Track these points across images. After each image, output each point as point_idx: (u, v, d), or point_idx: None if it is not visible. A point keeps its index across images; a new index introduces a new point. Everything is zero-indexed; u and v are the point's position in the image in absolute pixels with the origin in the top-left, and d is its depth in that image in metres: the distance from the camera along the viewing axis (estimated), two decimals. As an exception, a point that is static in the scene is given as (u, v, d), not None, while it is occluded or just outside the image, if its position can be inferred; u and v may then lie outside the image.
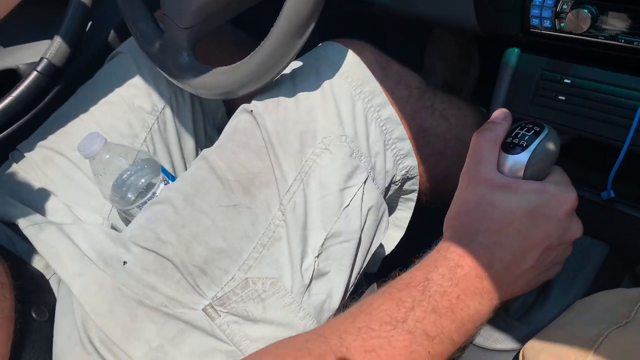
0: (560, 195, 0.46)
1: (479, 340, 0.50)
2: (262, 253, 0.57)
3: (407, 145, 0.68)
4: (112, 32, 0.89)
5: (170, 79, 0.67)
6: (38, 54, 0.78)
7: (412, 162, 0.69)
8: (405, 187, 0.72)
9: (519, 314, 0.52)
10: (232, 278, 0.55)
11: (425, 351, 0.41)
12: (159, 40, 0.68)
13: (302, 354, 0.41)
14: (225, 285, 0.55)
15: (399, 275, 0.46)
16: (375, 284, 0.68)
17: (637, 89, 0.51)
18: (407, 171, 0.69)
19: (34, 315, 0.56)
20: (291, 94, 0.62)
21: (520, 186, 0.46)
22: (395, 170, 0.67)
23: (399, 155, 0.68)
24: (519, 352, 0.45)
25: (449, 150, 0.72)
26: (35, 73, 0.76)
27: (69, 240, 0.60)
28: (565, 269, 0.49)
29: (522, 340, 0.49)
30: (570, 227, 0.46)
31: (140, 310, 0.54)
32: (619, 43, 0.50)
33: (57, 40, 0.76)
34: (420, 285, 0.44)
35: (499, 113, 0.51)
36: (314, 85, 0.63)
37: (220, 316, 0.54)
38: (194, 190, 0.60)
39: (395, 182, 0.68)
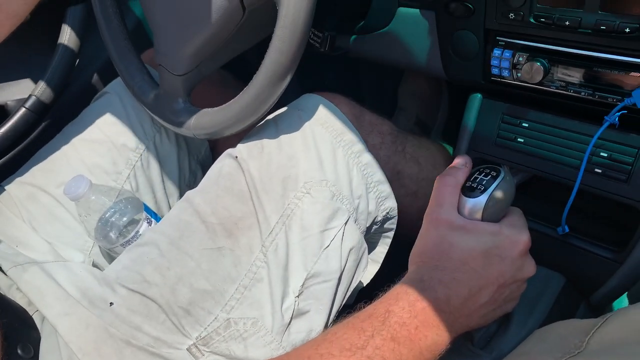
0: (513, 237, 0.50)
1: None
2: (244, 294, 0.58)
3: (388, 188, 0.71)
4: (97, 71, 0.90)
5: (168, 126, 0.68)
6: (26, 91, 0.78)
7: (392, 204, 0.72)
8: (385, 226, 0.74)
9: (482, 343, 0.55)
10: (215, 318, 0.57)
11: None
12: (154, 91, 0.70)
13: None
14: (208, 326, 0.56)
15: (363, 307, 0.49)
16: None
17: (585, 134, 0.56)
18: (388, 212, 0.72)
19: (19, 352, 0.56)
20: (275, 140, 0.65)
21: (477, 228, 0.50)
22: (377, 211, 0.70)
23: (381, 197, 0.71)
24: None
25: (420, 190, 0.76)
26: (23, 110, 0.77)
27: (53, 280, 0.60)
28: (524, 300, 0.53)
29: None
30: (523, 267, 0.50)
31: (127, 350, 0.54)
32: (569, 93, 0.55)
33: (46, 77, 0.77)
34: (381, 317, 0.47)
35: (460, 160, 0.55)
36: (296, 133, 0.65)
37: (204, 355, 0.55)
38: (179, 233, 0.61)
39: (376, 222, 0.71)
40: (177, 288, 0.57)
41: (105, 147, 0.76)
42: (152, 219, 0.71)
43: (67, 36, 0.78)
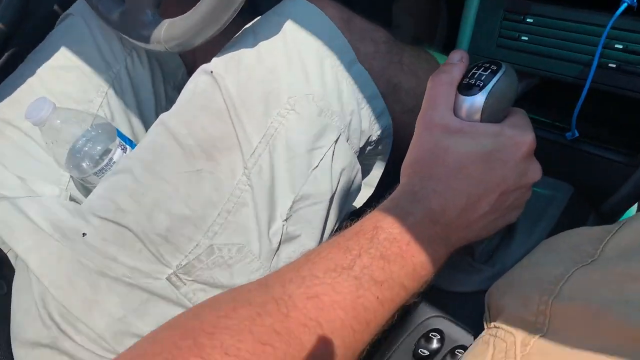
0: (517, 138, 0.44)
1: (443, 283, 0.50)
2: (228, 219, 0.55)
3: (381, 104, 0.65)
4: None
5: (137, 43, 0.63)
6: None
7: (387, 121, 0.67)
8: (380, 146, 0.70)
9: (483, 257, 0.51)
10: (197, 245, 0.53)
11: (374, 296, 0.40)
12: (120, 7, 0.64)
13: (241, 305, 0.39)
14: (189, 253, 0.53)
15: (350, 225, 0.45)
16: None
17: (597, 24, 0.50)
18: (383, 130, 0.67)
19: None
20: (253, 52, 0.59)
21: (475, 130, 0.44)
22: (371, 130, 0.65)
23: (374, 115, 0.66)
24: (485, 293, 0.46)
25: (419, 106, 0.70)
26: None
27: (23, 215, 0.57)
28: (529, 210, 0.49)
29: (487, 282, 0.49)
30: (528, 171, 0.45)
31: (102, 281, 0.52)
32: None
33: (2, 5, 0.70)
34: (369, 234, 0.42)
35: (455, 54, 0.49)
36: (277, 43, 0.59)
37: (185, 284, 0.53)
38: (153, 157, 0.57)
39: (371, 142, 0.66)
40: (154, 214, 0.53)
41: (73, 74, 0.71)
42: (127, 146, 0.66)
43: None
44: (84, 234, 0.54)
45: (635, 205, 0.57)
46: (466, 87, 0.45)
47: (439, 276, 0.49)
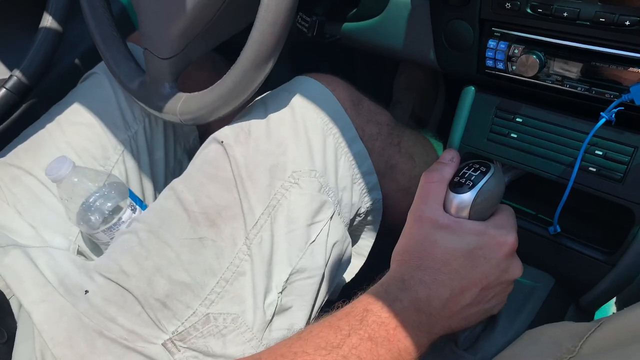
0: (499, 238, 0.47)
1: None
2: (225, 288, 0.56)
3: (374, 179, 0.69)
4: (82, 53, 0.88)
5: (154, 112, 0.66)
6: (7, 72, 0.76)
7: (377, 195, 0.70)
8: (369, 218, 0.72)
9: (466, 344, 0.53)
10: (194, 313, 0.55)
11: None
12: (140, 77, 0.68)
13: None
14: (186, 320, 0.54)
15: (342, 306, 0.47)
16: None
17: (580, 131, 0.54)
18: (372, 203, 0.70)
19: None
20: (263, 125, 0.62)
21: (461, 227, 0.47)
22: (360, 203, 0.68)
23: (365, 189, 0.69)
24: None
25: (413, 187, 0.73)
26: (3, 90, 0.75)
27: (33, 266, 0.59)
28: (511, 300, 0.51)
29: None
30: (509, 268, 0.48)
31: (100, 341, 0.53)
32: (565, 87, 0.53)
33: (28, 58, 0.75)
34: (359, 316, 0.45)
35: (447, 154, 0.53)
36: (286, 119, 0.62)
37: (180, 351, 0.54)
38: (159, 221, 0.59)
39: (360, 214, 0.69)
40: (155, 279, 0.55)
41: (93, 131, 0.74)
42: (137, 206, 0.69)
43: (50, 18, 0.76)
44: (86, 292, 0.56)
45: (614, 299, 0.60)
46: (457, 185, 0.48)
47: (422, 360, 0.50)
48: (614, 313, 0.40)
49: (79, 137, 0.73)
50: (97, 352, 0.52)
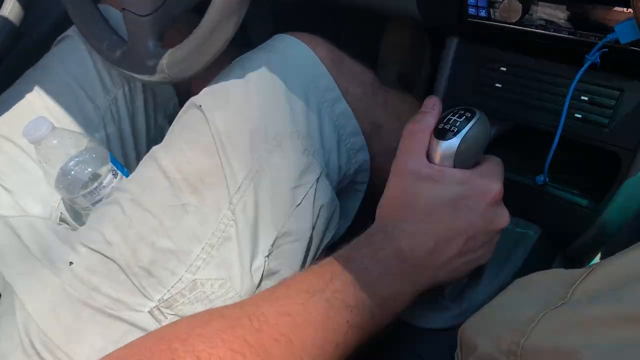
0: (484, 186, 0.46)
1: (412, 319, 0.51)
2: (211, 254, 0.56)
3: (361, 140, 0.67)
4: (57, 17, 0.85)
5: (139, 77, 0.64)
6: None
7: (364, 156, 0.69)
8: (357, 179, 0.71)
9: (452, 295, 0.53)
10: (180, 279, 0.54)
11: (343, 319, 0.41)
12: (122, 47, 0.65)
13: (215, 318, 0.41)
14: (172, 287, 0.54)
15: (325, 257, 0.47)
16: None
17: (566, 77, 0.52)
18: (360, 165, 0.69)
19: None
20: (242, 87, 0.60)
21: (444, 177, 0.46)
22: (348, 164, 0.67)
23: (353, 150, 0.67)
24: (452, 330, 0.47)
25: None
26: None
27: (16, 237, 0.58)
28: (497, 250, 0.50)
29: (455, 319, 0.51)
30: (495, 218, 0.47)
31: (85, 311, 0.52)
32: (549, 32, 0.51)
33: None
34: (342, 261, 0.44)
35: (428, 102, 0.51)
36: (265, 80, 0.61)
37: (167, 318, 0.53)
38: (141, 189, 0.58)
39: (347, 175, 0.68)
40: (138, 247, 0.54)
41: (72, 95, 0.71)
42: (119, 172, 0.67)
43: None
44: (70, 263, 0.55)
45: (599, 256, 0.60)
46: (441, 132, 0.47)
47: (408, 312, 0.50)
48: (606, 259, 0.39)
49: (57, 101, 0.70)
50: (82, 322, 0.52)
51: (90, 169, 0.64)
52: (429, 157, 0.47)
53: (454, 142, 0.46)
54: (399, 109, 0.73)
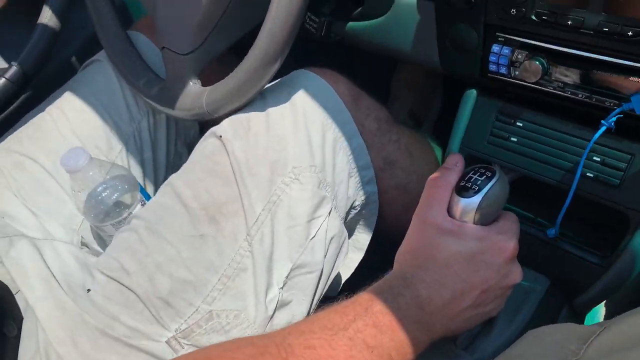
0: (501, 244, 0.48)
1: None
2: (227, 285, 0.56)
3: (370, 173, 0.68)
4: (83, 43, 0.87)
5: (176, 115, 0.64)
6: (6, 62, 0.75)
7: (372, 189, 0.70)
8: (365, 211, 0.72)
9: (464, 344, 0.54)
10: (196, 310, 0.55)
11: (364, 359, 0.43)
12: (159, 84, 0.67)
13: (245, 345, 0.42)
14: (189, 318, 0.54)
15: (346, 298, 0.48)
16: None
17: (580, 137, 0.55)
18: (368, 197, 0.70)
19: (4, 331, 0.54)
20: (263, 119, 0.61)
21: (464, 232, 0.48)
22: (355, 196, 0.68)
23: (362, 183, 0.69)
24: None
25: (411, 184, 0.74)
26: (3, 79, 0.73)
27: (40, 259, 0.58)
28: (509, 301, 0.51)
29: None
30: (509, 274, 0.49)
31: (103, 340, 0.53)
32: (566, 94, 0.53)
33: (27, 48, 0.74)
34: (364, 304, 0.45)
35: (451, 159, 0.53)
36: (286, 113, 0.62)
37: (183, 348, 0.54)
38: (158, 218, 0.59)
39: (354, 207, 0.69)
40: (156, 277, 0.55)
41: (98, 120, 0.72)
42: (146, 201, 0.68)
43: (49, 10, 0.75)
44: (88, 290, 0.56)
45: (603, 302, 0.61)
46: (463, 190, 0.49)
47: (422, 358, 0.52)
48: (618, 316, 0.40)
49: (82, 124, 0.71)
50: (100, 351, 0.52)
51: (115, 196, 0.65)
52: (449, 211, 0.49)
53: (475, 200, 0.48)
54: (411, 147, 0.74)
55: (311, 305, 0.62)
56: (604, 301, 0.61)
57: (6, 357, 0.54)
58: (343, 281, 0.76)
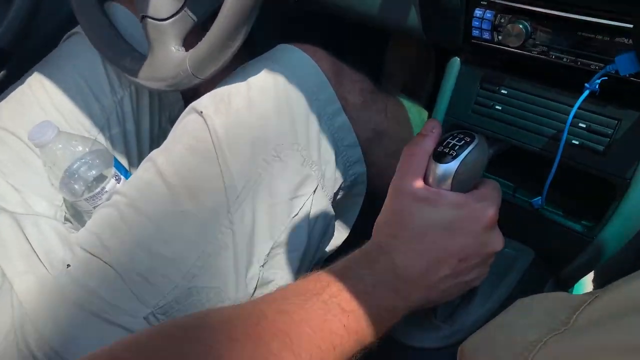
0: (479, 211, 0.47)
1: (403, 337, 0.52)
2: (207, 262, 0.56)
3: (358, 153, 0.68)
4: (62, 19, 0.86)
5: (165, 88, 0.63)
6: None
7: (361, 169, 0.69)
8: (353, 191, 0.72)
9: (444, 316, 0.53)
10: (176, 287, 0.55)
11: (340, 322, 0.42)
12: (142, 59, 0.65)
13: (214, 312, 0.42)
14: (168, 294, 0.54)
15: (321, 268, 0.47)
16: None
17: (565, 103, 0.53)
18: (356, 177, 0.69)
19: None
20: (244, 96, 0.60)
21: (440, 200, 0.47)
22: (344, 176, 0.67)
23: (349, 162, 0.68)
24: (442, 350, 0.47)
25: (400, 150, 0.73)
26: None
27: (21, 233, 0.58)
28: (490, 273, 0.50)
29: (445, 339, 0.51)
30: (489, 241, 0.47)
31: (81, 315, 0.53)
32: (550, 58, 0.51)
33: (5, 23, 0.72)
34: (339, 271, 0.45)
35: (428, 125, 0.52)
36: (268, 89, 0.61)
37: (161, 324, 0.54)
38: (139, 194, 0.58)
39: (343, 187, 0.68)
40: (135, 253, 0.55)
41: (79, 94, 0.71)
42: (122, 177, 0.68)
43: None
44: (68, 265, 0.56)
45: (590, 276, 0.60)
46: (440, 155, 0.47)
47: (400, 330, 0.51)
48: (609, 285, 0.39)
49: (63, 98, 0.70)
50: (78, 325, 0.52)
51: (94, 172, 0.65)
52: (426, 179, 0.48)
53: (452, 166, 0.46)
54: (398, 114, 0.73)
55: None
56: (591, 275, 0.59)
57: None
58: (325, 259, 0.75)
